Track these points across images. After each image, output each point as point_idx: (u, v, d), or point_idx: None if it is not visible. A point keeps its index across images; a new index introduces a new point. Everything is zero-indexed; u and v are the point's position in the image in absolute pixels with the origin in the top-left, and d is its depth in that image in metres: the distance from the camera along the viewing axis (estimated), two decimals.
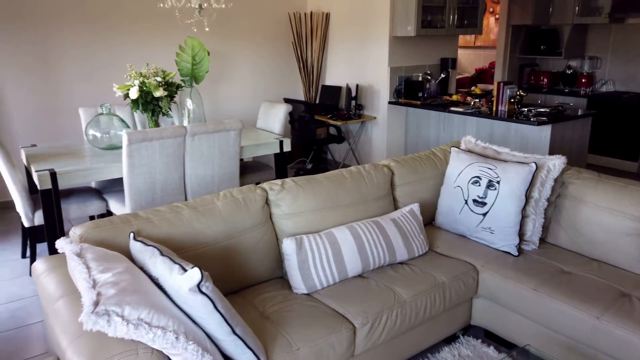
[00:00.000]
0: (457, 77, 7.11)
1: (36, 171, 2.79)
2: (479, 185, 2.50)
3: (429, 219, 2.78)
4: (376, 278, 2.17)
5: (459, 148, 2.76)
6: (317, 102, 5.64)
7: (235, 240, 2.10)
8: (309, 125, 4.82)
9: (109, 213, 3.28)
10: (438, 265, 2.29)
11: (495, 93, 4.21)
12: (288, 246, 2.09)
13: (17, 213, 4.15)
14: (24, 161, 3.27)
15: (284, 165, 3.77)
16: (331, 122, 4.92)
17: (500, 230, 2.43)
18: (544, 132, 3.85)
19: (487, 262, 2.35)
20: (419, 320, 2.09)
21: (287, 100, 5.14)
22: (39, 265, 1.84)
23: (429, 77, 4.96)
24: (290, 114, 4.91)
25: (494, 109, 4.19)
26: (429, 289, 2.13)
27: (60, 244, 1.66)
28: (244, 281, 2.13)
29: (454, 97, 4.79)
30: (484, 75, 7.58)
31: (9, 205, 4.27)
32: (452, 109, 4.32)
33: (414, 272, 2.22)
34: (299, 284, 2.07)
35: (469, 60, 8.15)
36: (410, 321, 2.05)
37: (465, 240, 2.56)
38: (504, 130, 4.12)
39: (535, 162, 2.43)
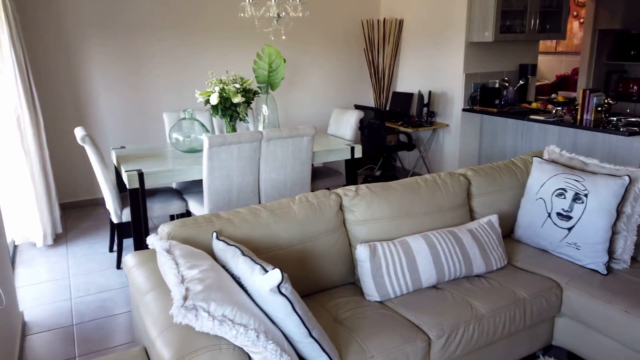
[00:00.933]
0: (536, 84, 6.79)
1: (126, 171, 2.99)
2: (564, 198, 2.37)
3: (507, 232, 2.67)
4: (451, 290, 2.11)
5: (541, 158, 2.64)
6: (387, 108, 5.60)
7: (310, 244, 2.13)
8: (379, 131, 4.80)
9: (188, 213, 3.44)
10: (518, 280, 2.19)
11: (580, 101, 3.97)
12: (362, 252, 2.09)
13: (106, 210, 4.47)
14: (114, 161, 3.52)
15: (355, 172, 3.77)
16: (402, 129, 4.87)
17: (587, 247, 2.28)
18: (636, 143, 3.58)
19: (572, 279, 2.21)
20: (497, 337, 2.01)
21: (357, 107, 5.15)
22: (130, 259, 1.96)
23: (507, 84, 4.78)
24: (360, 120, 4.92)
25: (579, 117, 3.96)
26: (508, 305, 2.04)
27: (151, 240, 1.77)
28: (317, 285, 2.16)
29: (534, 105, 4.57)
30: (565, 82, 7.19)
31: (99, 202, 4.62)
32: (532, 117, 4.13)
33: (492, 286, 2.14)
34: (371, 291, 2.06)
35: (549, 66, 7.76)
36: (488, 337, 1.98)
37: (547, 255, 2.43)
38: (589, 140, 3.87)
39: (628, 175, 2.27)
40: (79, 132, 3.15)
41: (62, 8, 4.18)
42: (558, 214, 2.38)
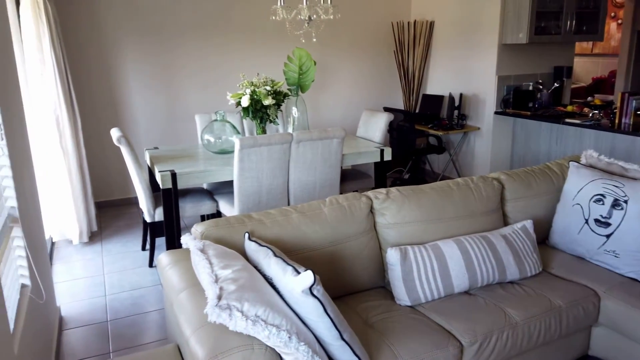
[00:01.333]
0: (572, 86, 6.61)
1: (159, 171, 3.05)
2: (603, 204, 2.30)
3: (542, 238, 2.60)
4: (484, 296, 2.08)
5: (578, 163, 2.57)
6: (417, 111, 5.56)
7: (340, 247, 2.12)
8: (408, 134, 4.76)
9: (219, 213, 3.49)
10: (553, 288, 2.14)
11: (618, 104, 3.85)
12: (392, 256, 2.08)
13: (139, 209, 4.57)
14: (148, 162, 3.60)
15: (384, 175, 3.75)
16: (432, 131, 4.82)
17: (627, 255, 2.21)
18: None
19: (610, 288, 2.14)
20: (531, 345, 1.97)
21: (386, 109, 5.13)
22: (164, 258, 2.00)
23: (541, 87, 4.67)
24: (389, 122, 4.89)
25: (617, 121, 3.83)
26: (543, 312, 1.99)
27: (185, 239, 1.80)
28: (347, 287, 2.15)
29: (569, 108, 4.46)
30: (602, 85, 6.98)
31: (133, 202, 4.73)
32: (568, 120, 4.03)
33: (527, 293, 2.09)
34: (402, 295, 2.05)
35: (584, 68, 7.55)
36: (522, 345, 1.94)
37: (584, 263, 2.36)
38: (627, 145, 3.75)
39: None
40: (114, 133, 3.23)
41: (102, 14, 4.30)
42: (596, 220, 2.32)
